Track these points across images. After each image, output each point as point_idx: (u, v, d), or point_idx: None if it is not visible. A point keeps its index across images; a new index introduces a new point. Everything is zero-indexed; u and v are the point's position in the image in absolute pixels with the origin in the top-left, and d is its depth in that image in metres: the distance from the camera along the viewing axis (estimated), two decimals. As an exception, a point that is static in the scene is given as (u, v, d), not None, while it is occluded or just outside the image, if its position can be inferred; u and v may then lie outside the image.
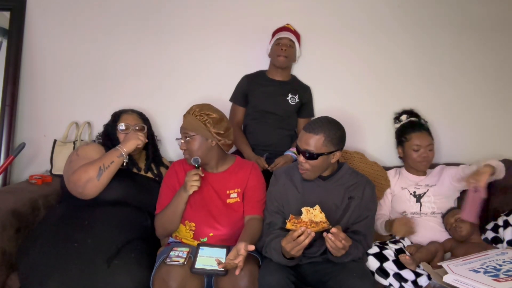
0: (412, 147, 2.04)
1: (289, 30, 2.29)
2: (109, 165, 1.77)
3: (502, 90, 2.41)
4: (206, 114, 1.75)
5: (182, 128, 1.77)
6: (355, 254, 1.60)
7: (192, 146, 1.73)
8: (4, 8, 2.38)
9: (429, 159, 2.04)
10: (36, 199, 1.90)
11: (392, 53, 2.42)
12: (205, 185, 1.77)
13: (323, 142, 1.59)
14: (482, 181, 1.68)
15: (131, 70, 2.43)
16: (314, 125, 1.62)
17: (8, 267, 1.68)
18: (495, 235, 1.85)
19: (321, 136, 1.59)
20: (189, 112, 1.78)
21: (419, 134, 2.05)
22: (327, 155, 1.62)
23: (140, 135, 1.90)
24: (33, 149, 2.34)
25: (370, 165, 2.16)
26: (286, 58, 2.24)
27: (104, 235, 1.66)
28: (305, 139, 1.61)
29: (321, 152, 1.60)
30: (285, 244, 1.47)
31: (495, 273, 1.47)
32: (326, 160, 1.63)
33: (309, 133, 1.61)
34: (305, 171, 1.65)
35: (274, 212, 1.72)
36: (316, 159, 1.61)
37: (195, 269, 1.52)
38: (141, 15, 2.41)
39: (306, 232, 1.43)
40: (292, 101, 2.30)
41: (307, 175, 1.67)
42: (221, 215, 1.75)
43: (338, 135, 1.63)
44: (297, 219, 1.47)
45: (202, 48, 2.43)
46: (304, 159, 1.62)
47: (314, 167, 1.63)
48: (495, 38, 2.39)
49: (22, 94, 2.39)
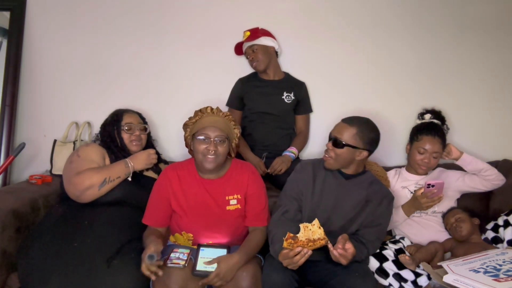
0: (418, 149, 2.02)
1: (246, 39, 2.26)
2: (114, 179, 1.78)
3: (502, 89, 2.40)
4: (230, 117, 1.68)
5: (214, 129, 1.62)
6: (359, 256, 1.59)
7: (224, 149, 1.64)
8: (4, 8, 2.38)
9: (429, 166, 2.02)
10: (36, 199, 1.90)
11: (393, 51, 2.41)
12: (203, 192, 1.70)
13: (354, 135, 1.65)
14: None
15: (131, 70, 2.43)
16: (353, 118, 1.71)
17: (8, 267, 1.68)
18: (495, 235, 1.85)
19: (354, 128, 1.66)
20: (212, 111, 1.67)
21: (430, 139, 2.00)
22: (354, 149, 1.66)
23: (153, 157, 1.90)
24: (33, 149, 2.34)
25: (370, 165, 2.15)
26: (258, 62, 2.25)
27: (104, 235, 1.66)
28: (339, 127, 1.69)
29: (349, 143, 1.64)
30: (281, 259, 1.48)
31: (495, 273, 1.46)
32: (351, 154, 1.67)
33: (344, 123, 1.69)
34: (329, 158, 1.70)
35: (293, 198, 1.72)
36: (342, 148, 1.65)
37: (197, 272, 1.52)
38: (141, 16, 2.41)
39: (303, 252, 1.43)
40: (287, 99, 2.30)
41: (329, 163, 1.71)
42: (221, 224, 1.70)
43: (371, 136, 1.68)
44: (294, 239, 1.43)
45: (202, 49, 2.43)
46: (331, 145, 1.67)
47: (338, 156, 1.67)
48: (495, 37, 2.38)
49: (22, 94, 2.39)
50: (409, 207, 1.91)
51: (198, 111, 1.69)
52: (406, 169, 2.13)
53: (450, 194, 2.01)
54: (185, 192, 1.71)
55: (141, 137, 1.97)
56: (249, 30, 2.27)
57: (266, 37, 2.26)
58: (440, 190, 1.85)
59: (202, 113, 1.68)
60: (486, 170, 1.94)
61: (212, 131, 1.63)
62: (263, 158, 2.24)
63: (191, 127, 1.69)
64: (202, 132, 1.63)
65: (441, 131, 2.07)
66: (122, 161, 1.84)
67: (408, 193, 2.03)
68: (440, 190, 1.85)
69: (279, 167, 2.13)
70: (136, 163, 1.86)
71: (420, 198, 1.84)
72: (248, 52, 2.27)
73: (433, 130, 2.03)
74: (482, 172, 1.94)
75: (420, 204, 1.85)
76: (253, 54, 2.24)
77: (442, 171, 2.09)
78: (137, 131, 1.96)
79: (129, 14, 2.41)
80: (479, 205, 2.08)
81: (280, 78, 2.35)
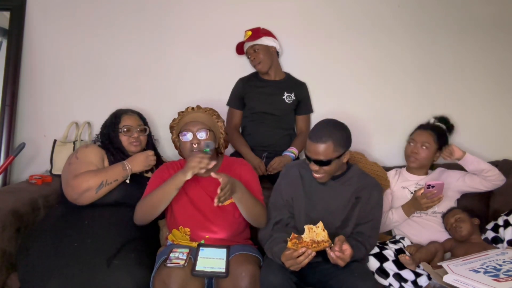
0: (409, 140, 2.08)
1: (247, 39, 2.25)
2: (111, 182, 1.77)
3: (502, 90, 2.40)
4: (212, 111, 1.73)
5: (195, 123, 1.69)
6: (357, 255, 1.59)
7: None
8: (4, 8, 2.38)
9: (418, 157, 2.02)
10: (36, 199, 1.90)
11: (393, 52, 2.42)
12: (197, 190, 1.74)
13: (333, 149, 1.58)
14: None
15: (131, 70, 2.43)
16: (320, 133, 1.59)
17: (8, 267, 1.68)
18: (495, 235, 1.85)
19: (330, 143, 1.57)
20: (193, 109, 1.75)
21: (421, 131, 2.06)
22: (339, 158, 1.62)
23: (151, 158, 1.89)
24: (33, 149, 2.34)
25: (370, 165, 2.15)
26: (260, 63, 2.25)
27: (104, 235, 1.66)
28: (314, 149, 1.59)
29: (332, 157, 1.59)
30: (284, 260, 1.48)
31: (495, 273, 1.47)
32: (339, 163, 1.64)
33: (316, 143, 1.58)
34: (320, 176, 1.66)
35: (282, 206, 1.72)
36: (330, 165, 1.61)
37: (196, 272, 1.52)
38: (141, 16, 2.41)
39: (307, 253, 1.43)
40: (288, 99, 2.30)
41: (322, 180, 1.68)
42: (217, 218, 1.72)
43: (344, 137, 1.63)
44: (299, 240, 1.45)
45: (202, 49, 2.43)
46: (317, 166, 1.62)
47: (328, 171, 1.64)
48: (495, 38, 2.38)
49: (22, 94, 2.39)
50: (409, 208, 1.92)
51: (180, 112, 1.77)
52: (407, 169, 2.13)
53: (450, 194, 2.01)
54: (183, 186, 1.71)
55: (140, 139, 1.96)
56: (250, 29, 2.27)
57: (268, 37, 2.26)
58: (440, 191, 1.85)
59: (183, 113, 1.76)
60: (487, 170, 1.93)
61: (193, 125, 1.69)
62: (263, 158, 2.24)
63: (176, 128, 1.77)
64: (184, 129, 1.70)
65: (438, 128, 2.09)
66: (120, 163, 1.84)
67: (408, 193, 2.03)
68: (440, 191, 1.85)
69: (278, 166, 2.13)
70: (134, 165, 1.85)
71: (420, 198, 1.84)
72: (249, 52, 2.27)
73: (427, 125, 2.10)
74: (484, 172, 1.94)
75: (420, 204, 1.85)
76: (254, 54, 2.24)
77: (442, 171, 2.09)
78: (136, 133, 1.95)
79: (129, 14, 2.41)
80: (479, 205, 2.08)
81: (281, 78, 2.35)
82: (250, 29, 2.27)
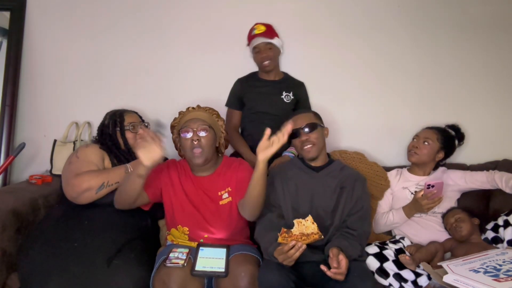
0: (413, 137, 2.13)
1: (261, 33, 2.23)
2: (112, 184, 1.77)
3: (502, 90, 2.40)
4: (212, 110, 1.74)
5: (195, 121, 1.70)
6: (354, 254, 1.60)
7: (208, 140, 1.68)
8: (4, 8, 2.38)
9: (418, 151, 2.03)
10: (36, 199, 1.90)
11: (392, 53, 2.41)
12: (196, 190, 1.75)
13: (314, 117, 1.82)
14: None
15: (131, 70, 2.43)
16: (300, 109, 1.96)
17: (8, 267, 1.68)
18: (495, 235, 1.85)
19: (310, 113, 1.85)
20: (193, 108, 1.76)
21: (427, 129, 2.11)
22: (322, 128, 1.81)
23: None
24: (33, 149, 2.34)
25: (370, 165, 2.15)
26: (271, 61, 2.25)
27: (104, 235, 1.66)
28: (299, 117, 1.80)
29: (316, 122, 1.79)
30: (277, 255, 1.50)
31: (495, 273, 1.46)
32: (322, 134, 1.81)
33: (300, 113, 1.83)
34: (310, 145, 1.76)
35: (271, 206, 1.74)
36: (316, 129, 1.77)
37: (196, 272, 1.52)
38: (141, 16, 2.41)
39: (297, 246, 1.45)
40: (287, 99, 2.30)
41: (312, 151, 1.77)
42: (215, 218, 1.73)
43: (319, 115, 1.87)
44: (288, 234, 1.48)
45: (202, 50, 2.43)
46: (306, 134, 1.75)
47: (317, 140, 1.77)
48: (495, 38, 2.38)
49: (22, 94, 2.39)
50: (410, 209, 1.92)
51: (181, 111, 1.78)
52: (408, 170, 2.13)
53: (450, 194, 2.01)
54: (182, 185, 1.75)
55: None
56: (263, 24, 2.26)
57: (277, 38, 2.29)
58: (440, 191, 1.85)
59: (184, 112, 1.77)
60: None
61: (194, 122, 1.70)
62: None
63: (177, 127, 1.77)
64: (185, 126, 1.70)
65: (444, 131, 2.11)
66: (123, 166, 1.84)
67: (409, 194, 2.03)
68: (440, 191, 1.85)
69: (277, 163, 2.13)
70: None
71: (421, 200, 1.85)
72: (261, 47, 2.24)
73: (434, 126, 2.13)
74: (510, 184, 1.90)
75: (421, 206, 1.85)
76: (267, 52, 2.24)
77: (444, 171, 2.09)
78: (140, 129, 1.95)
79: (129, 14, 2.41)
80: (479, 205, 2.08)
81: (280, 78, 2.35)
82: (262, 23, 2.26)
